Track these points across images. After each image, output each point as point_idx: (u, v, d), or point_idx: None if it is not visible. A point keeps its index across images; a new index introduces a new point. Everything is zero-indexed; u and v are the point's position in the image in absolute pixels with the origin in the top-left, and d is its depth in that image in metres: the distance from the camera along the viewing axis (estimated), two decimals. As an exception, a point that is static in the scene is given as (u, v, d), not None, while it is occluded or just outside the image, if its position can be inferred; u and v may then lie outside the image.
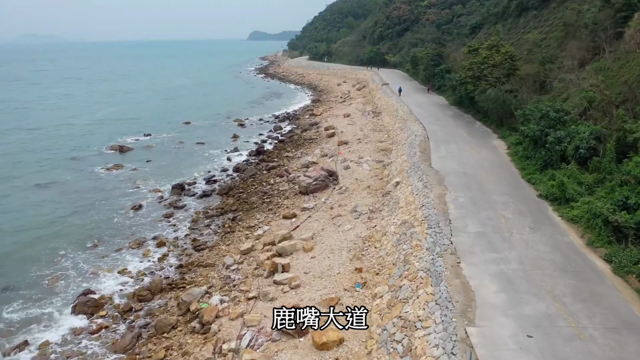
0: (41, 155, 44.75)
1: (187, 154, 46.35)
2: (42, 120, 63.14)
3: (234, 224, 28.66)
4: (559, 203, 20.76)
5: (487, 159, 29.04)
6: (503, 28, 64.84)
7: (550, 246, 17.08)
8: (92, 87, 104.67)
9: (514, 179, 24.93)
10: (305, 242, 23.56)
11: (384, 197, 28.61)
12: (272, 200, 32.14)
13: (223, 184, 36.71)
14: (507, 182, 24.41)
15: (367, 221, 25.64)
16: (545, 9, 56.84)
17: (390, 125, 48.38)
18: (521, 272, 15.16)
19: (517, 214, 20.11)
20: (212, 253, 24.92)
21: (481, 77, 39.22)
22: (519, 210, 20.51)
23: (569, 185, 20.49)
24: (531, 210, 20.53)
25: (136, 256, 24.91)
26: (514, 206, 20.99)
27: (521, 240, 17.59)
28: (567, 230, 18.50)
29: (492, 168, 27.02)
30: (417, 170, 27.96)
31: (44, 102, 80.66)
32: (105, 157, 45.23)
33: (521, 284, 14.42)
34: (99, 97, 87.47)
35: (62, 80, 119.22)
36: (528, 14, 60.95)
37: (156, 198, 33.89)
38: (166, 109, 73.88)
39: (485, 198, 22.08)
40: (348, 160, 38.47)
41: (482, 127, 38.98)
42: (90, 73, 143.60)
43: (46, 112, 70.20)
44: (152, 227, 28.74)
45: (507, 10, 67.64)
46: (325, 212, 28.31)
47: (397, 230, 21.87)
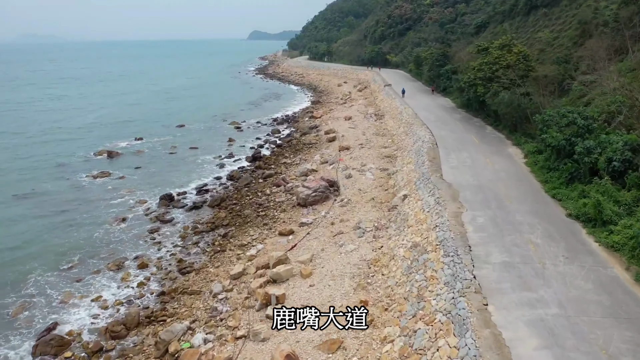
0: (23, 162, 42.09)
1: (178, 160, 43.68)
2: (31, 123, 60.48)
3: (224, 241, 26.00)
4: (594, 225, 18.08)
5: (504, 169, 26.36)
6: (510, 27, 62.15)
7: (593, 282, 14.41)
8: (87, 88, 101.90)
9: (536, 194, 22.24)
10: (303, 266, 20.92)
11: (390, 212, 25.95)
12: (267, 213, 29.48)
13: (215, 194, 34.04)
14: (530, 198, 21.73)
15: (373, 240, 22.99)
16: (556, 7, 54.12)
17: (394, 129, 45.73)
18: (564, 320, 12.49)
19: (546, 239, 17.43)
20: (198, 277, 22.26)
21: (493, 78, 36.53)
22: (548, 234, 17.83)
23: (605, 205, 17.81)
24: (562, 233, 17.85)
25: (114, 280, 22.25)
26: (542, 228, 18.31)
27: (556, 274, 14.92)
28: (608, 260, 15.83)
29: (511, 181, 24.33)
30: (427, 182, 25.29)
31: (35, 104, 77.94)
32: (92, 164, 42.57)
33: (567, 337, 11.75)
34: (92, 98, 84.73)
35: (57, 81, 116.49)
36: (537, 12, 58.28)
37: (142, 210, 31.26)
38: (161, 111, 71.17)
39: (508, 218, 19.40)
40: (350, 168, 35.84)
41: (493, 132, 36.31)
42: (87, 73, 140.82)
43: (36, 114, 67.46)
44: (134, 245, 26.07)
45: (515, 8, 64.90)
46: (325, 229, 25.67)
47: (407, 255, 19.21)
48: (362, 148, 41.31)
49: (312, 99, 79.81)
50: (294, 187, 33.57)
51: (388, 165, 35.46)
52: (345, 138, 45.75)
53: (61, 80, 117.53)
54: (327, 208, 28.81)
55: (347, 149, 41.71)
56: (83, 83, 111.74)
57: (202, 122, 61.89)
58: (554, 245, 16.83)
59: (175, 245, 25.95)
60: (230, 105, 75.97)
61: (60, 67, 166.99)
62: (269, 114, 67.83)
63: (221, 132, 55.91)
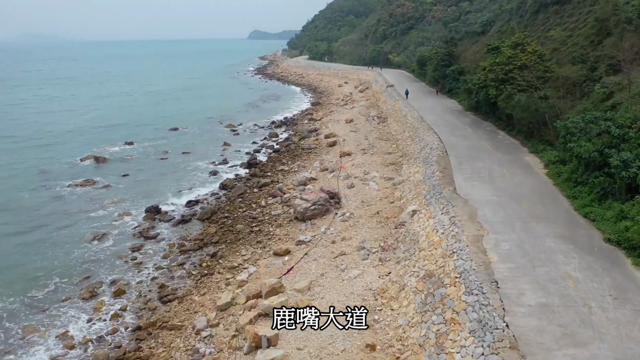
0: (2, 170, 39.39)
1: (169, 167, 41.01)
2: (17, 126, 57.81)
3: (213, 262, 23.33)
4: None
5: (524, 182, 23.66)
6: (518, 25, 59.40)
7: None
8: (81, 88, 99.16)
9: (565, 213, 19.55)
10: (299, 297, 18.26)
11: (397, 229, 23.29)
12: (261, 228, 26.81)
13: (206, 205, 31.37)
14: (559, 218, 19.03)
15: (379, 264, 20.33)
16: (569, 4, 51.41)
17: (398, 133, 43.07)
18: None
19: (587, 272, 14.75)
20: (181, 306, 19.59)
21: (506, 79, 33.84)
22: (588, 265, 15.15)
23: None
24: (604, 265, 15.16)
25: (85, 311, 19.58)
26: (579, 258, 15.64)
27: (607, 321, 12.25)
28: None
29: (534, 196, 21.64)
30: (439, 197, 22.61)
31: (26, 105, 75.30)
32: (77, 170, 39.93)
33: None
34: (85, 100, 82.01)
35: (51, 81, 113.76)
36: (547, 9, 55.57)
37: (125, 224, 28.59)
38: (155, 113, 68.46)
39: (537, 244, 16.71)
40: (352, 177, 33.20)
41: (506, 138, 33.62)
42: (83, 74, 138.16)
43: (26, 117, 64.80)
44: (112, 267, 23.41)
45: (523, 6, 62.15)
46: (325, 248, 23.01)
47: (420, 286, 16.55)
48: (365, 154, 38.67)
49: (311, 100, 77.15)
50: (292, 198, 30.92)
51: (393, 174, 32.81)
52: (347, 142, 43.11)
53: (56, 81, 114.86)
54: (327, 223, 26.15)
55: (348, 155, 39.07)
56: (78, 84, 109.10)
57: (197, 125, 59.23)
58: (597, 281, 14.15)
59: (158, 266, 23.26)
60: (227, 106, 73.30)
61: (57, 67, 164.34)
62: (267, 116, 65.17)
63: (216, 136, 53.24)
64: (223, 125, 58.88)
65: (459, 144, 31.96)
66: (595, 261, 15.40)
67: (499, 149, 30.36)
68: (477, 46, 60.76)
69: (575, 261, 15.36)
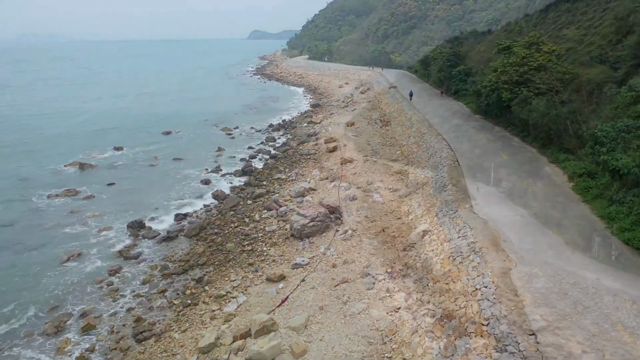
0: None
1: (158, 175, 38.36)
2: (4, 130, 55.25)
3: (198, 288, 20.70)
4: None
5: (549, 198, 20.98)
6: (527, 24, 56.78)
7: None
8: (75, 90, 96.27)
9: (603, 239, 16.87)
10: (295, 338, 15.61)
11: (405, 252, 20.65)
12: (254, 247, 24.17)
13: (195, 219, 28.74)
14: (597, 245, 16.36)
15: (386, 296, 17.68)
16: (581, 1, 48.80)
17: (403, 138, 40.43)
18: None
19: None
20: (158, 346, 16.95)
21: (521, 82, 31.19)
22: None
23: None
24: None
25: (45, 352, 16.95)
26: (630, 299, 12.98)
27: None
28: None
29: (563, 216, 18.95)
30: (453, 216, 19.97)
31: (17, 108, 72.62)
32: (60, 178, 37.35)
33: None
34: (78, 102, 79.24)
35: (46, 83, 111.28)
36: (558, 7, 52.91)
37: (104, 242, 25.97)
38: (148, 115, 65.83)
39: (578, 281, 14.05)
40: (354, 187, 30.62)
41: (522, 145, 30.89)
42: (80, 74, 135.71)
43: (14, 120, 62.22)
44: (85, 294, 20.79)
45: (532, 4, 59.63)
46: (325, 273, 20.38)
47: (437, 331, 13.91)
48: (367, 161, 36.04)
49: (311, 102, 74.47)
50: (288, 211, 28.30)
51: (399, 184, 30.20)
52: (348, 148, 40.50)
53: (50, 82, 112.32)
54: (326, 242, 23.54)
55: (350, 162, 36.46)
56: (73, 85, 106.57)
57: (192, 128, 56.65)
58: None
59: (136, 294, 20.62)
60: (224, 108, 70.69)
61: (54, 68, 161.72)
62: (265, 118, 62.50)
63: (211, 140, 50.60)
64: (218, 129, 56.26)
65: (471, 151, 29.29)
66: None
67: (515, 158, 27.67)
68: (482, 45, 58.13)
69: (627, 305, 12.70)
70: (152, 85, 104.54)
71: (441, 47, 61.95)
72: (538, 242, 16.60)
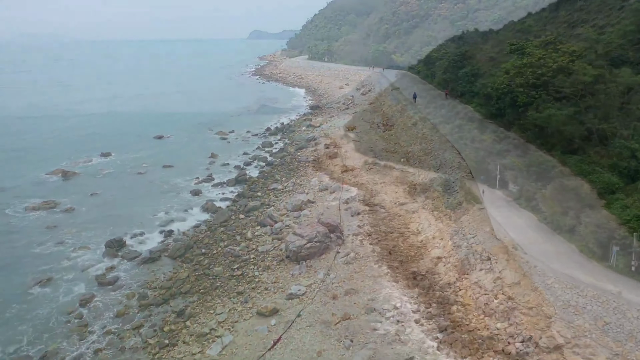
0: (-50, 189, 34.20)
1: (145, 185, 35.72)
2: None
3: (179, 323, 18.04)
4: None
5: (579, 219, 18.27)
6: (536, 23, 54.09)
7: None
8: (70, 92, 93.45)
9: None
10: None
11: (417, 281, 18.01)
12: (244, 272, 21.51)
13: (181, 237, 26.06)
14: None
15: (396, 339, 15.03)
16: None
17: (408, 144, 37.78)
18: None
19: None
20: (126, 402, 14.34)
21: (538, 85, 28.54)
22: None
23: None
24: None
25: (-8, 410, 14.34)
26: None
27: None
28: None
29: (600, 245, 16.28)
30: (472, 241, 17.32)
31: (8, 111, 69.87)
32: (39, 188, 34.76)
33: None
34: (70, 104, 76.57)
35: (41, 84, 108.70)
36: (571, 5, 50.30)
37: (79, 264, 23.32)
38: (141, 118, 63.29)
39: (632, 334, 11.38)
40: (356, 200, 28.01)
41: (540, 154, 27.94)
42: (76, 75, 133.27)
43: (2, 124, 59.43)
44: (48, 330, 18.14)
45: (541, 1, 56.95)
46: (324, 306, 17.77)
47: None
48: (371, 170, 33.42)
49: (310, 104, 71.86)
50: (284, 228, 25.64)
51: (405, 197, 27.55)
52: (349, 154, 37.91)
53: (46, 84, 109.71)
54: (326, 265, 20.91)
55: (351, 170, 33.86)
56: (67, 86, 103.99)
57: (185, 132, 54.03)
58: None
59: (107, 330, 17.96)
60: (220, 111, 68.06)
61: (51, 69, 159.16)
62: (262, 121, 59.81)
63: (204, 145, 47.93)
64: (213, 132, 53.60)
65: (485, 161, 26.65)
66: None
67: (535, 169, 24.94)
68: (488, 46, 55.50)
69: None
70: (147, 86, 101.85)
71: (445, 47, 59.33)
72: (577, 280, 13.92)
